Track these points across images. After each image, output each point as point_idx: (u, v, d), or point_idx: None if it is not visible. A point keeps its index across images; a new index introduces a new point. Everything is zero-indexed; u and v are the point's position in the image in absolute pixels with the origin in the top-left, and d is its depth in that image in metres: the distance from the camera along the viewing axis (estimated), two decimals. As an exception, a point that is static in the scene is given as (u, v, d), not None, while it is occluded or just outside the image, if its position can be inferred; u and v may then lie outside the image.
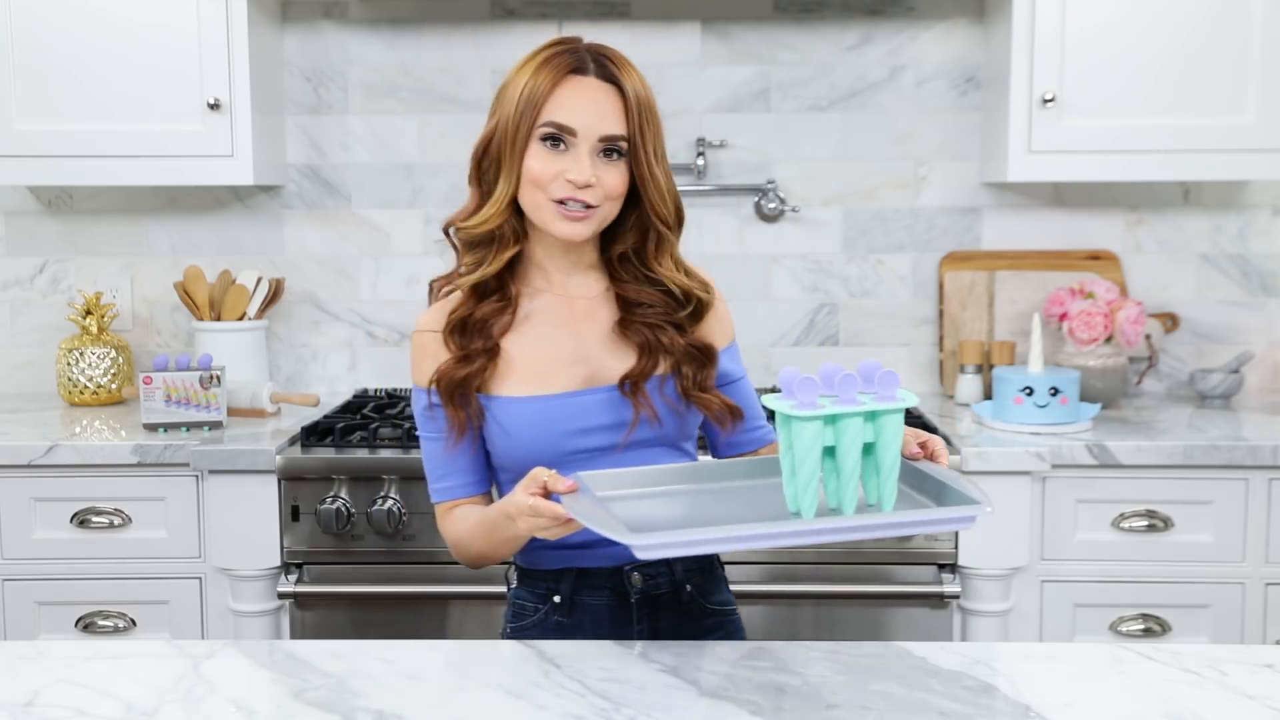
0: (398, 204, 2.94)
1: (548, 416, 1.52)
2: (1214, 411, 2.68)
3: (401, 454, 2.32)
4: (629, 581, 1.56)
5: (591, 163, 1.48)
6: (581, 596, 1.57)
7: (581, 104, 1.49)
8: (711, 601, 1.62)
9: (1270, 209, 2.90)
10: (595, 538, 1.51)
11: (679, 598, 1.59)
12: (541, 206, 1.50)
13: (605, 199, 1.50)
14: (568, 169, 1.48)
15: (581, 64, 1.51)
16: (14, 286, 2.98)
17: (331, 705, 1.22)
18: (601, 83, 1.50)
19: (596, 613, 1.57)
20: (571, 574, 1.57)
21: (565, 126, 1.48)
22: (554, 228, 1.50)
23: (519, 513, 1.36)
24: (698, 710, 1.21)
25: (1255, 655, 1.35)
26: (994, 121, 2.76)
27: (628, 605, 1.57)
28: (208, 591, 2.38)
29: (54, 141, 2.60)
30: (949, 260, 2.91)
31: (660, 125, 1.54)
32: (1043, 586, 2.36)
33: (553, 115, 1.48)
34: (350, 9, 2.90)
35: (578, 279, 1.59)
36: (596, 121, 1.49)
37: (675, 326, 1.56)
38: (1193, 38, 2.55)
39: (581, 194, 1.48)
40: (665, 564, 1.58)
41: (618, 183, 1.50)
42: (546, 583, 1.58)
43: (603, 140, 1.49)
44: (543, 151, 1.49)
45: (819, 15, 2.88)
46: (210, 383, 2.49)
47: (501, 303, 1.56)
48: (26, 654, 1.37)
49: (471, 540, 1.53)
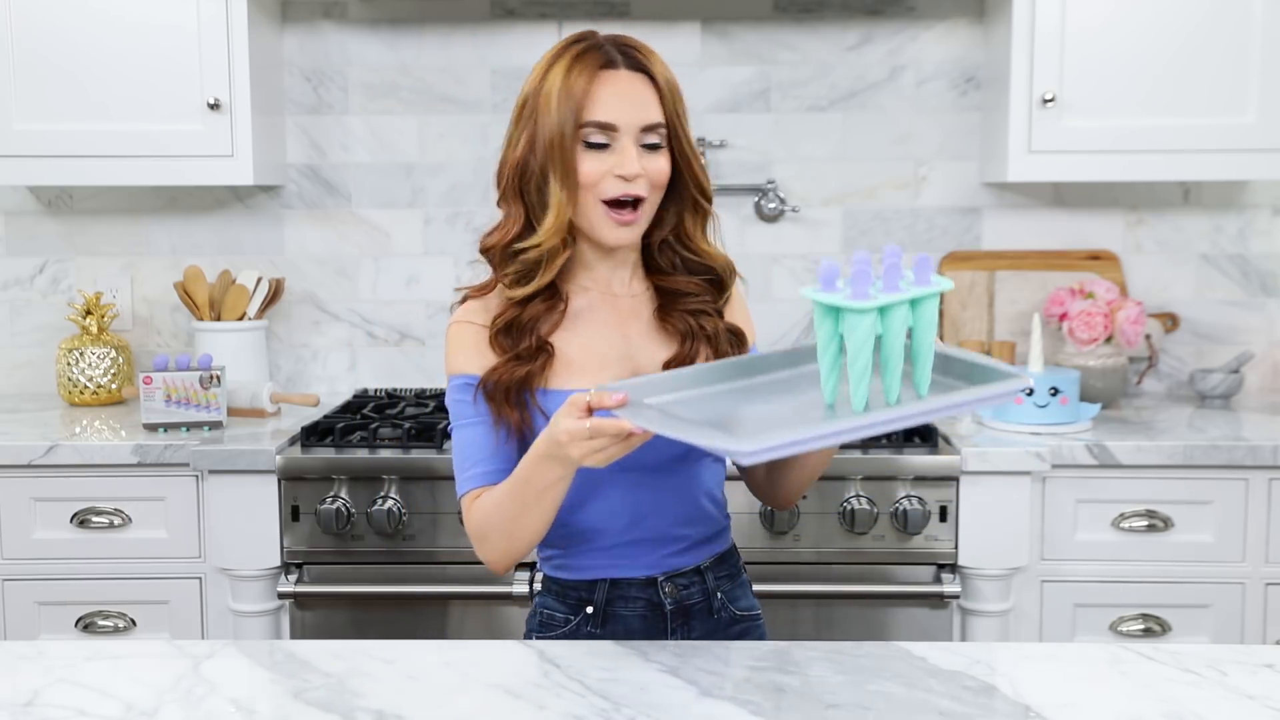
0: (398, 204, 2.94)
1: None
2: (1214, 411, 2.68)
3: (401, 454, 2.32)
4: (662, 592, 1.54)
5: (638, 154, 1.47)
6: (615, 608, 1.54)
7: (620, 99, 1.47)
8: (739, 608, 1.61)
9: (1270, 209, 2.90)
10: (630, 539, 1.52)
11: (710, 606, 1.58)
12: (592, 210, 1.48)
13: (651, 189, 1.49)
14: (615, 165, 1.46)
15: (610, 58, 1.49)
16: (14, 286, 2.98)
17: (331, 705, 1.22)
18: (633, 74, 1.49)
19: (630, 624, 1.54)
20: (605, 584, 1.54)
21: (608, 124, 1.46)
22: (604, 234, 1.49)
23: (572, 438, 1.29)
24: (698, 710, 1.21)
25: (1255, 655, 1.35)
26: (994, 121, 2.76)
27: (662, 616, 1.55)
28: (208, 591, 2.38)
29: (54, 141, 2.60)
30: (949, 260, 2.91)
31: (685, 106, 1.54)
32: (1043, 586, 2.36)
33: (594, 115, 1.46)
34: (350, 9, 2.90)
35: (621, 277, 1.57)
36: (636, 113, 1.47)
37: (716, 313, 1.57)
38: (1193, 38, 2.55)
39: (632, 188, 1.46)
40: (697, 572, 1.57)
41: (663, 170, 1.49)
42: (579, 592, 1.55)
43: (644, 130, 1.48)
44: (588, 154, 1.47)
45: (819, 15, 2.88)
46: (210, 383, 2.49)
47: (548, 301, 1.52)
48: (26, 654, 1.37)
49: (501, 514, 1.43)
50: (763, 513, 2.28)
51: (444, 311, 2.96)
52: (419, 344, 2.97)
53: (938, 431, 2.40)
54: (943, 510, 2.29)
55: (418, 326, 2.97)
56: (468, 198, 2.93)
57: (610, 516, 1.52)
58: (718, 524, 1.61)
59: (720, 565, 1.60)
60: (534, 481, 1.38)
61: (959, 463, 2.27)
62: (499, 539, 1.45)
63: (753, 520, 2.28)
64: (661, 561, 1.55)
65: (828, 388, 1.30)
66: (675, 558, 1.55)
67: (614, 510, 1.52)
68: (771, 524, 2.27)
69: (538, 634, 1.59)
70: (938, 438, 2.37)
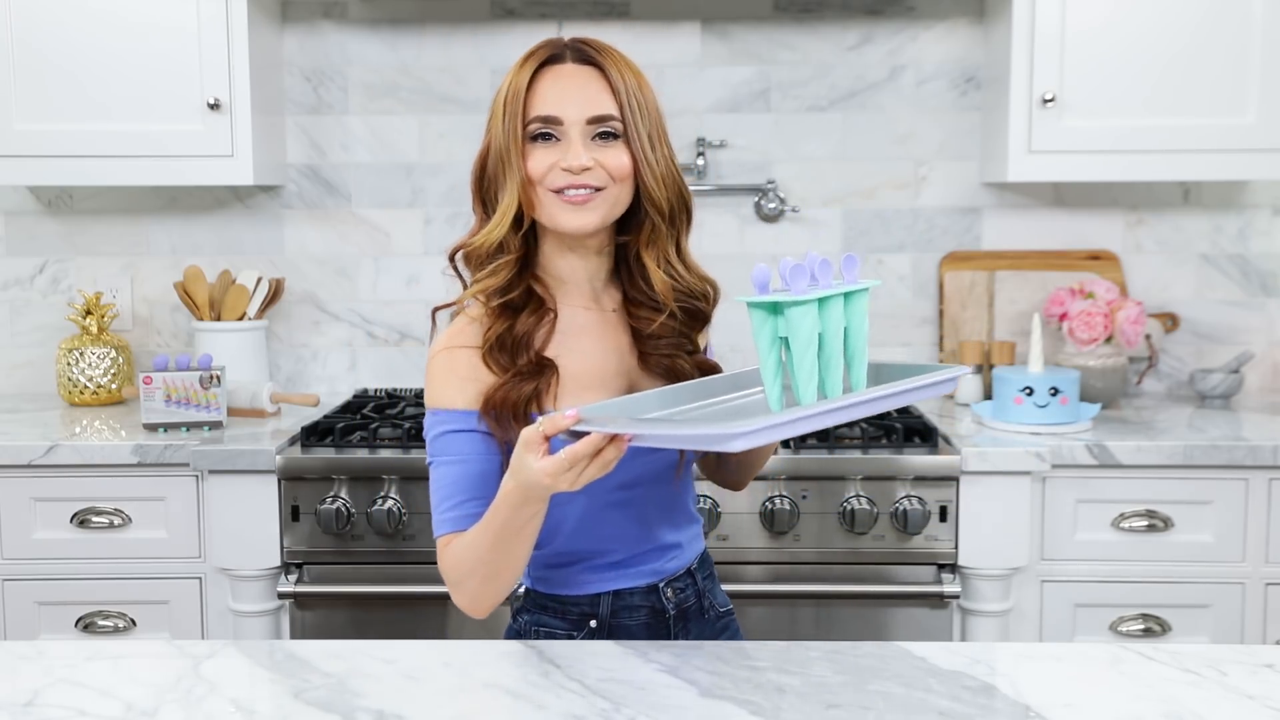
0: (398, 204, 2.94)
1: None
2: (1214, 411, 2.68)
3: (401, 454, 2.32)
4: (664, 597, 1.54)
5: (586, 146, 1.43)
6: (620, 619, 1.53)
7: (561, 91, 1.44)
8: (720, 604, 1.63)
9: (1270, 209, 2.90)
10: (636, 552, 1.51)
11: (702, 605, 1.58)
12: (544, 202, 1.44)
13: (610, 181, 1.44)
14: (561, 158, 1.43)
15: (557, 53, 1.47)
16: (14, 286, 2.98)
17: (331, 705, 1.22)
18: (580, 66, 1.46)
19: (635, 633, 1.53)
20: (609, 597, 1.52)
21: (549, 116, 1.43)
22: (560, 221, 1.44)
23: (552, 476, 1.25)
24: (698, 710, 1.21)
25: (1255, 655, 1.35)
26: (994, 121, 2.76)
27: (665, 621, 1.55)
28: (208, 591, 2.38)
29: (54, 141, 2.60)
30: (949, 260, 2.91)
31: (656, 110, 1.48)
32: (1043, 586, 2.36)
33: (535, 109, 1.43)
34: (350, 9, 2.90)
35: (597, 293, 1.53)
36: (580, 105, 1.43)
37: (688, 353, 1.53)
38: (1193, 38, 2.55)
39: (581, 179, 1.42)
40: (690, 574, 1.58)
41: (621, 163, 1.44)
42: (581, 607, 1.53)
43: (591, 122, 1.43)
44: (535, 150, 1.44)
45: (819, 15, 2.88)
46: (210, 383, 2.49)
47: (536, 313, 1.47)
48: (26, 654, 1.37)
49: (479, 557, 1.38)
50: (763, 513, 2.28)
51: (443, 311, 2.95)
52: (419, 344, 2.97)
53: (938, 431, 2.40)
54: (943, 510, 2.29)
55: (418, 326, 2.96)
56: (468, 198, 2.90)
57: (617, 536, 1.51)
58: (698, 525, 1.63)
59: (704, 565, 1.62)
60: (512, 522, 1.33)
61: (959, 463, 2.27)
62: (477, 583, 1.40)
63: (753, 520, 2.29)
64: (661, 568, 1.55)
65: (773, 395, 1.28)
66: (671, 563, 1.56)
67: (620, 529, 1.51)
68: (771, 524, 2.28)
69: None
70: (938, 438, 2.37)
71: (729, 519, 2.28)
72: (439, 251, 2.94)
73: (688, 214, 1.52)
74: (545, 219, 1.46)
